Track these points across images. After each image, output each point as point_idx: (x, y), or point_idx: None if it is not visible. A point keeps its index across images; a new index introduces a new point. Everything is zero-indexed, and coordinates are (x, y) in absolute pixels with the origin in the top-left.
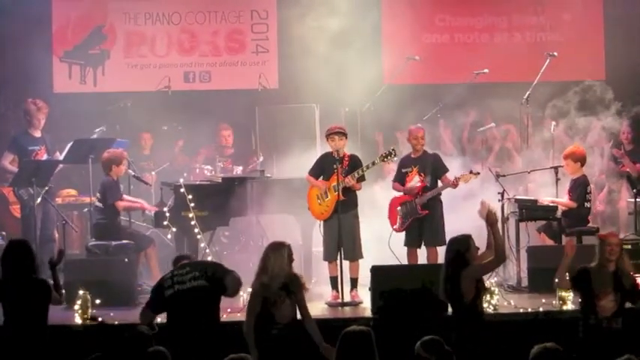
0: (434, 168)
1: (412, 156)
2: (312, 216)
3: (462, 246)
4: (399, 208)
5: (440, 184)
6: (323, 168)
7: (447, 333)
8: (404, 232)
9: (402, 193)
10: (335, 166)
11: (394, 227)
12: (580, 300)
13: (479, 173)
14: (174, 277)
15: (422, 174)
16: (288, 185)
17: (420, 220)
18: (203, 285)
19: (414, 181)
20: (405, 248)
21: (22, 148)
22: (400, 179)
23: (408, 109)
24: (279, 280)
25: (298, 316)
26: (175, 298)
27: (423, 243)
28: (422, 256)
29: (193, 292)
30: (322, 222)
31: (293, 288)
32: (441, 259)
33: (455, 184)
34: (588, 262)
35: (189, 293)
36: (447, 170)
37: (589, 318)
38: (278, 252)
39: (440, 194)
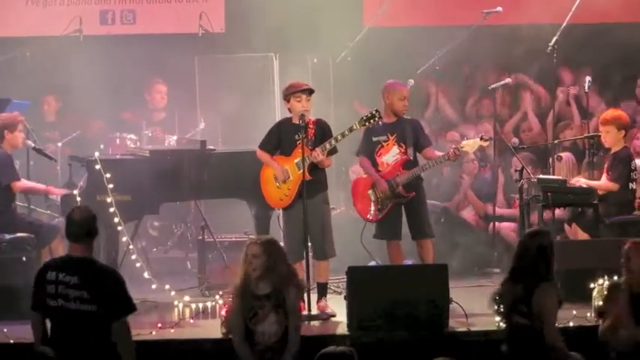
0: (415, 138)
1: (386, 121)
2: (267, 203)
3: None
4: (370, 191)
5: (421, 159)
6: (280, 139)
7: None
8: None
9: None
10: (298, 136)
11: (367, 217)
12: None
13: (490, 138)
14: (58, 284)
15: (402, 144)
16: (238, 161)
17: (399, 205)
18: (91, 310)
19: (392, 153)
20: (375, 241)
21: None
22: (370, 151)
23: (396, 59)
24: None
25: None
26: (59, 312)
27: (396, 235)
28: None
29: (79, 315)
30: (282, 211)
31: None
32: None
33: (454, 155)
34: None
35: (74, 315)
36: (429, 143)
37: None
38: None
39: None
